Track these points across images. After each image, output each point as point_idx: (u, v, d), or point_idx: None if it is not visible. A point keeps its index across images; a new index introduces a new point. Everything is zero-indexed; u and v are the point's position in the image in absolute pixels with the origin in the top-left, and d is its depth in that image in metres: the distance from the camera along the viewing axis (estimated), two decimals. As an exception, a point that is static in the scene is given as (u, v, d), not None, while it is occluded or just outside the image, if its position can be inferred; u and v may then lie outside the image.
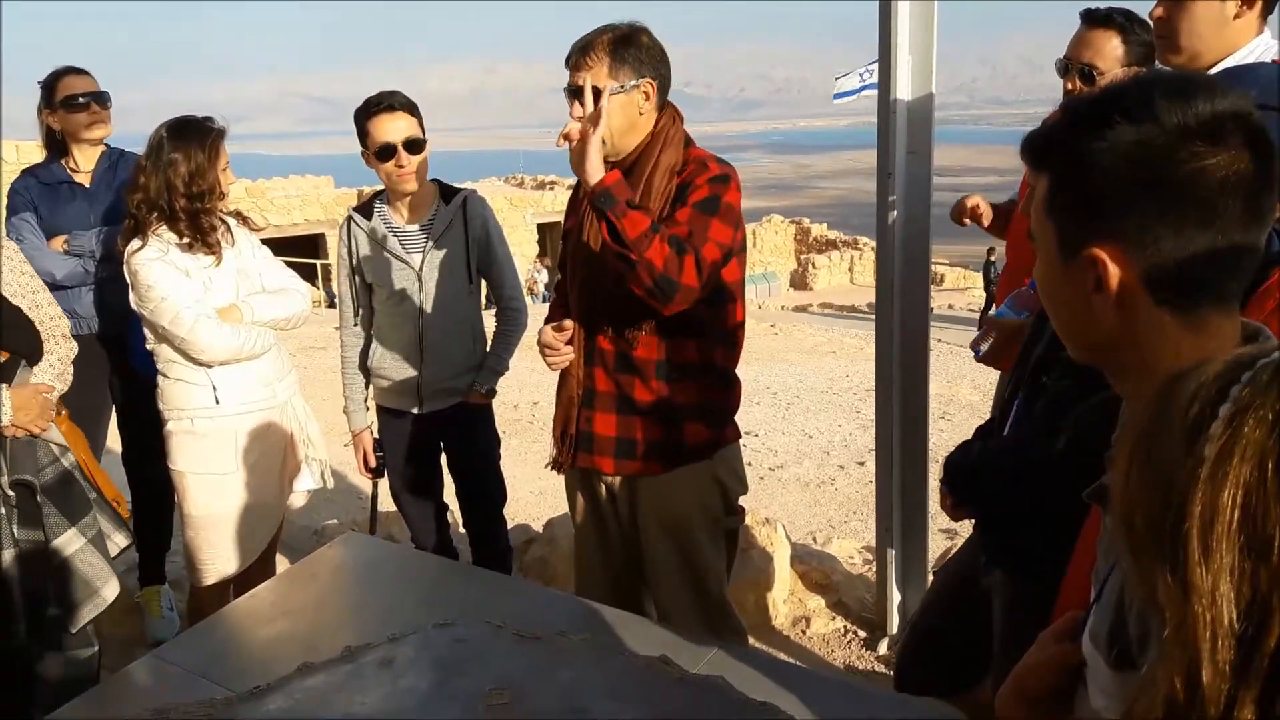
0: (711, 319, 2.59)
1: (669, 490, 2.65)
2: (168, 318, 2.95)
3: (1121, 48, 2.98)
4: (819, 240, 34.86)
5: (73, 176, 3.65)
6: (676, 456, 2.63)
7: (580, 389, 2.66)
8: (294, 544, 4.48)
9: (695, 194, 2.46)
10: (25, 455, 2.65)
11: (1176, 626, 0.72)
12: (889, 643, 3.66)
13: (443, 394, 3.37)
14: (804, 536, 4.96)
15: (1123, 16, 3.00)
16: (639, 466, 2.65)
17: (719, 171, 2.51)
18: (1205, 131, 0.98)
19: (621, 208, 2.28)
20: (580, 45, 2.49)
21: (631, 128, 2.51)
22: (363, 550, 2.75)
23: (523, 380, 8.56)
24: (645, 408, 2.60)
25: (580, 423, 2.68)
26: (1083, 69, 3.01)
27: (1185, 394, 0.77)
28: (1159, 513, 0.75)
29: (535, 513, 5.47)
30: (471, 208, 3.35)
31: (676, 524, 2.68)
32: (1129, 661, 1.04)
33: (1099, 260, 1.04)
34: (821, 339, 15.63)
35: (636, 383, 2.59)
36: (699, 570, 2.72)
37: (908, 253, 3.32)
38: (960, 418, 8.70)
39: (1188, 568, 0.72)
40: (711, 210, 2.43)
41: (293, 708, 1.83)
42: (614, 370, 2.60)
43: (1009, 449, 2.05)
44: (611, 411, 2.64)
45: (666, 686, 1.87)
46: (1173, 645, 0.72)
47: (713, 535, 2.74)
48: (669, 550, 2.70)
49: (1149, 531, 0.76)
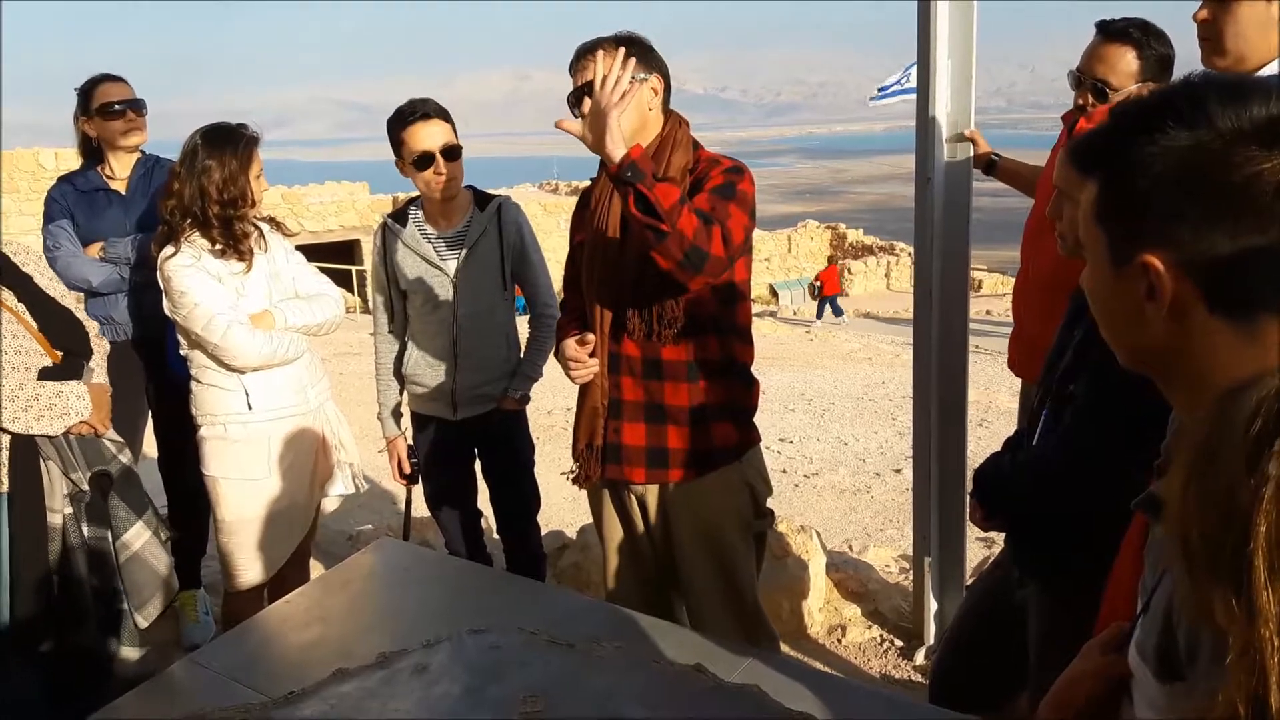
0: (726, 316, 2.59)
1: (701, 496, 2.63)
2: (200, 324, 2.96)
3: (1136, 63, 2.92)
4: (855, 246, 34.70)
5: (109, 183, 3.69)
6: (708, 461, 2.61)
7: (605, 400, 2.64)
8: (329, 549, 4.50)
9: (710, 183, 2.45)
10: (93, 452, 2.76)
11: (1241, 651, 0.70)
12: (925, 652, 3.62)
13: (478, 400, 3.37)
14: (840, 544, 4.93)
15: (1138, 30, 2.93)
16: (672, 474, 2.63)
17: (732, 164, 2.52)
18: (1261, 135, 0.95)
19: (650, 180, 2.24)
20: (587, 46, 2.50)
21: (643, 126, 2.51)
22: (397, 556, 2.75)
23: (555, 387, 8.53)
24: (676, 413, 2.58)
25: (608, 434, 2.66)
26: (1095, 85, 2.96)
27: (1246, 409, 0.74)
28: (1219, 532, 0.72)
29: (569, 519, 5.46)
30: (506, 214, 3.35)
31: (710, 530, 2.66)
32: (1177, 674, 1.01)
33: (1152, 268, 1.01)
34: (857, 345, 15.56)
35: (667, 387, 2.57)
36: (733, 576, 2.70)
37: (947, 258, 3.28)
38: (998, 425, 8.61)
39: (1253, 590, 0.69)
40: (728, 195, 2.42)
41: (327, 713, 1.83)
42: (643, 376, 2.58)
43: (1042, 460, 2.02)
44: (640, 420, 2.62)
45: (701, 695, 1.85)
46: (1236, 669, 0.70)
47: (745, 540, 2.72)
48: (704, 558, 2.67)
49: (1207, 550, 0.74)
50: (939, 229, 3.26)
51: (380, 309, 3.47)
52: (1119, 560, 1.50)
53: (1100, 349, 1.20)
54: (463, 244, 3.29)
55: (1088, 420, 1.86)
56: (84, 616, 2.68)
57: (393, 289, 3.41)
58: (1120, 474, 1.35)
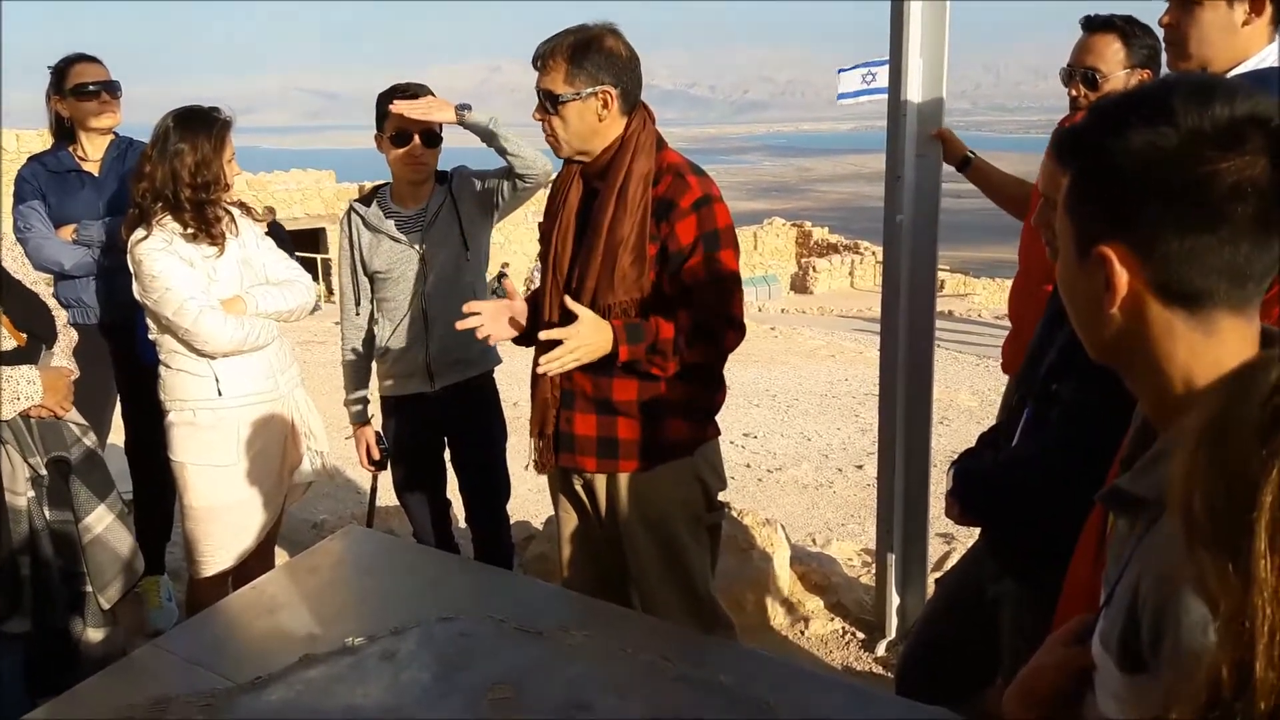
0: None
1: (650, 487, 2.64)
2: (171, 308, 2.94)
3: (1123, 51, 2.99)
4: (820, 244, 34.82)
5: (81, 165, 3.64)
6: (658, 454, 2.62)
7: (556, 390, 2.64)
8: (293, 537, 4.48)
9: (684, 225, 2.47)
10: (53, 435, 2.73)
11: (1231, 616, 0.71)
12: (887, 645, 3.66)
13: (454, 367, 3.34)
14: (802, 538, 4.96)
15: (1123, 20, 3.01)
16: (620, 464, 2.63)
17: (701, 193, 2.50)
18: (1220, 136, 0.97)
19: (648, 362, 2.44)
20: (542, 49, 2.50)
21: (594, 133, 2.52)
22: (364, 544, 2.74)
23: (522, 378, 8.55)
24: (626, 408, 2.58)
25: (560, 423, 2.66)
26: (1085, 73, 3.02)
27: (1265, 385, 0.76)
28: (1223, 501, 0.74)
29: (535, 510, 5.46)
30: (456, 182, 3.35)
31: (659, 521, 2.67)
32: (1140, 665, 1.04)
33: (1108, 259, 1.04)
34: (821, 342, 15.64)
35: (616, 383, 2.56)
36: (683, 567, 2.72)
37: (915, 256, 3.31)
38: (959, 423, 8.70)
39: (1252, 558, 0.71)
40: (715, 245, 2.50)
41: (294, 699, 1.83)
42: (593, 370, 2.54)
43: (1030, 459, 2.02)
44: (591, 412, 2.61)
45: (668, 684, 1.86)
46: (1225, 635, 0.72)
47: (695, 532, 2.73)
48: (652, 547, 2.68)
49: (1208, 518, 0.75)
50: (909, 226, 3.28)
51: (348, 294, 3.44)
52: (1076, 554, 1.52)
53: None
54: (425, 220, 3.29)
55: (1075, 423, 1.87)
56: (52, 598, 2.67)
57: (361, 271, 3.39)
58: (1100, 474, 1.37)
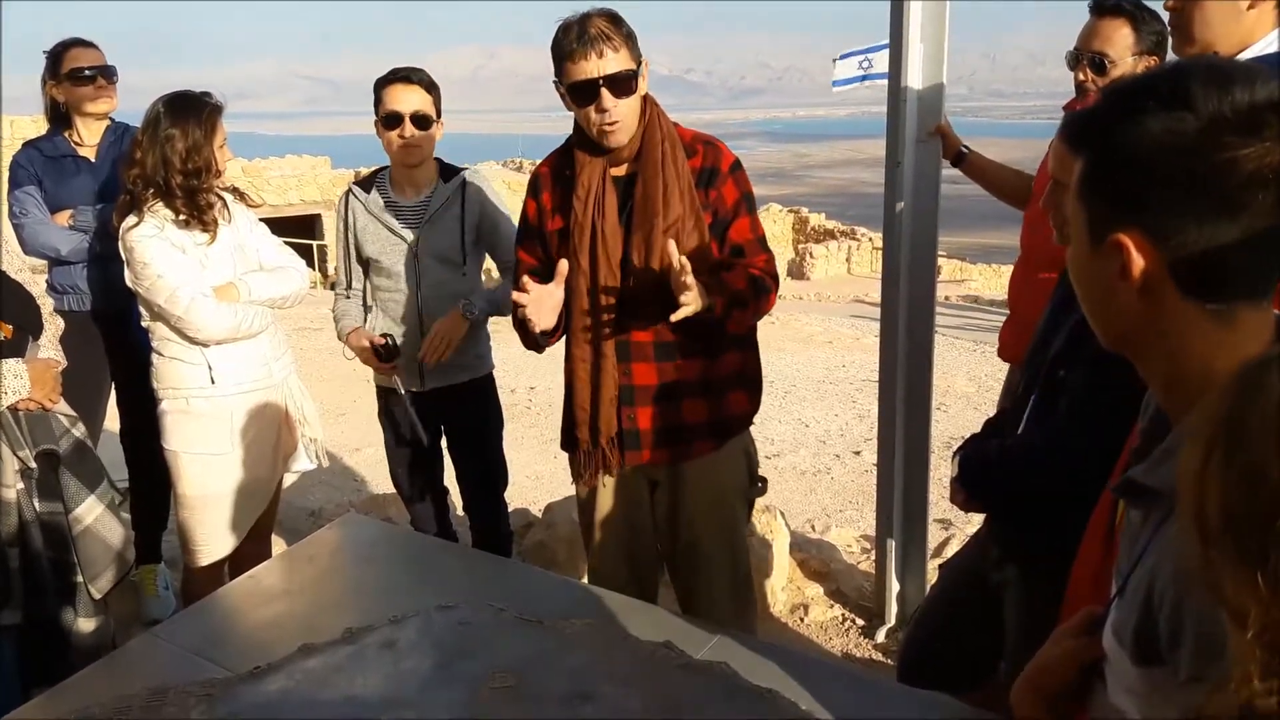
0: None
1: (714, 468, 2.64)
2: (163, 295, 2.91)
3: (1131, 35, 2.97)
4: (817, 230, 34.77)
5: (77, 150, 3.61)
6: (724, 431, 2.62)
7: (617, 388, 2.58)
8: (290, 525, 4.46)
9: (728, 188, 2.49)
10: (41, 428, 2.69)
11: (1262, 627, 0.69)
12: (887, 631, 3.66)
13: (444, 371, 3.31)
14: (801, 525, 4.95)
15: (1132, 5, 2.98)
16: (695, 449, 2.61)
17: (733, 158, 2.53)
18: (1240, 121, 0.94)
19: (725, 315, 2.40)
20: (593, 34, 2.34)
21: (636, 113, 2.46)
22: (362, 532, 2.73)
23: (519, 365, 8.53)
24: (689, 389, 2.55)
25: (623, 421, 2.60)
26: (1093, 58, 3.00)
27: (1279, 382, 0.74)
28: (1243, 506, 0.71)
29: (533, 497, 5.45)
30: (470, 191, 3.29)
31: (719, 502, 2.68)
32: (1155, 658, 1.02)
33: (1124, 247, 1.02)
34: (818, 329, 15.61)
35: (677, 365, 2.54)
36: (734, 545, 2.73)
37: (915, 241, 3.30)
38: (956, 409, 8.68)
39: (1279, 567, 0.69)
40: (752, 207, 2.55)
41: (293, 688, 1.82)
42: (656, 359, 2.53)
43: (1037, 447, 2.01)
44: (658, 403, 2.57)
45: (670, 672, 1.85)
46: (1254, 647, 0.69)
47: (743, 509, 2.76)
48: (712, 528, 2.68)
49: (1226, 524, 0.73)
50: (908, 212, 3.27)
51: (342, 275, 3.42)
52: (1084, 544, 1.51)
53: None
54: (425, 214, 3.25)
55: (1083, 412, 1.85)
56: (43, 590, 2.65)
57: (355, 256, 3.36)
58: (1109, 463, 1.36)
